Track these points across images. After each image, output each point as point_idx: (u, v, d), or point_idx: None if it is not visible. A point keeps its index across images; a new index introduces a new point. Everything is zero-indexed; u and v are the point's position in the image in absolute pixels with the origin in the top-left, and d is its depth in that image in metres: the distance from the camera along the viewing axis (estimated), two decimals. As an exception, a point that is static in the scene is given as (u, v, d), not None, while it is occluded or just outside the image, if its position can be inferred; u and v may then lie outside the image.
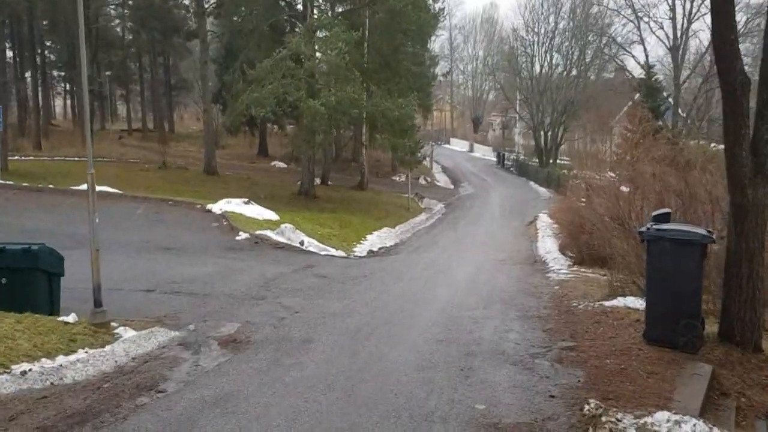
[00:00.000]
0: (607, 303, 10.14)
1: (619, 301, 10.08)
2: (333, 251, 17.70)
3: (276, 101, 25.19)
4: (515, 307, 10.52)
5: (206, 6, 35.55)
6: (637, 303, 9.86)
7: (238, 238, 17.15)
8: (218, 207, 20.03)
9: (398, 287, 12.45)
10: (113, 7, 42.14)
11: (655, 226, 7.65)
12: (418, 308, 10.34)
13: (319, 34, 27.34)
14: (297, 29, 26.55)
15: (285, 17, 29.43)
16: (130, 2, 42.68)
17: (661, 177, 14.39)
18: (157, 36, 47.39)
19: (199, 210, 20.46)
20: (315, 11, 28.58)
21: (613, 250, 15.00)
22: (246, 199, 20.96)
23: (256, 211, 20.19)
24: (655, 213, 8.48)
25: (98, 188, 22.71)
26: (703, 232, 7.49)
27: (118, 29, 46.95)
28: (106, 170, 29.43)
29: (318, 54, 25.55)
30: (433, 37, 60.80)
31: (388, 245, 21.27)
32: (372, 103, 27.01)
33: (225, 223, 18.70)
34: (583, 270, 14.83)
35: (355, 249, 20.12)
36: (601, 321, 9.13)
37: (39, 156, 35.12)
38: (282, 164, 42.56)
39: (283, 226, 17.93)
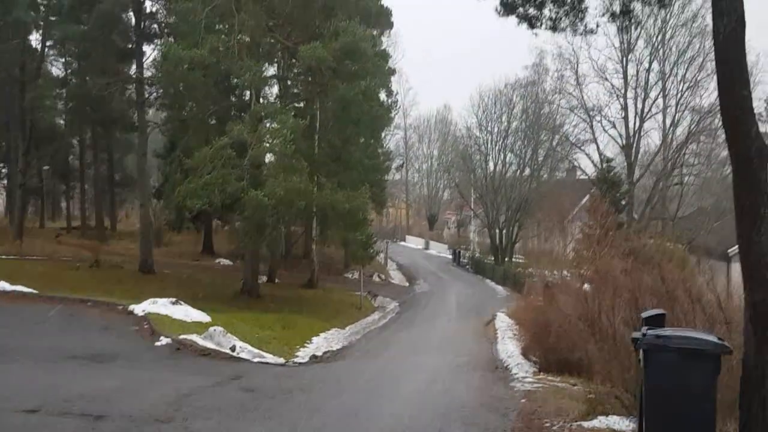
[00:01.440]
0: (586, 424, 8.35)
1: (601, 422, 8.30)
2: (269, 357, 15.62)
3: (215, 192, 23.51)
4: (477, 427, 8.65)
5: (146, 96, 34.22)
6: (623, 424, 8.11)
7: (158, 343, 14.96)
8: (141, 308, 17.85)
9: (337, 404, 10.47)
10: (52, 98, 40.62)
11: (652, 332, 6.02)
12: (357, 433, 8.39)
13: (266, 124, 26.07)
14: (241, 118, 25.32)
15: (230, 106, 28.22)
16: (63, 92, 41.16)
17: (633, 273, 12.97)
18: (98, 129, 45.88)
19: (120, 311, 18.22)
20: (262, 101, 27.38)
21: (582, 355, 13.33)
22: (173, 299, 18.82)
23: (185, 313, 18.05)
24: (646, 314, 6.91)
25: (12, 288, 20.70)
26: (714, 339, 5.87)
27: (61, 121, 45.38)
28: (33, 269, 27.13)
29: (264, 143, 24.14)
30: (388, 136, 61.13)
31: (334, 349, 19.22)
32: (321, 195, 25.59)
33: (146, 326, 16.51)
34: (550, 378, 13.07)
35: (298, 353, 18.05)
36: (583, 449, 7.33)
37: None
38: (227, 261, 40.49)
39: (211, 329, 15.83)
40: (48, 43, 40.82)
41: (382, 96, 38.55)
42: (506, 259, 52.26)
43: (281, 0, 26.75)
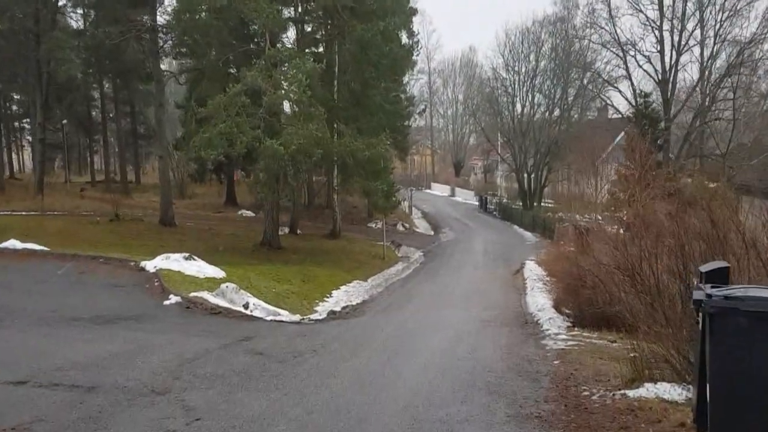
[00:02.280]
0: (631, 393, 7.31)
1: (649, 390, 7.26)
2: (284, 315, 14.78)
3: (230, 142, 22.47)
4: (505, 398, 7.67)
5: (161, 44, 32.98)
6: (675, 393, 7.07)
7: (166, 302, 14.17)
8: (153, 264, 17.08)
9: (351, 367, 9.57)
10: (68, 50, 39.49)
11: (719, 292, 4.90)
12: (370, 405, 7.45)
13: (283, 69, 24.77)
14: (255, 63, 24.04)
15: (247, 52, 26.85)
16: (79, 44, 39.82)
17: (678, 216, 11.72)
18: (117, 81, 44.88)
19: (132, 268, 17.48)
20: (279, 46, 25.97)
21: (621, 308, 12.24)
22: (187, 254, 18.00)
23: (198, 268, 17.24)
24: (706, 268, 5.73)
25: (23, 246, 20.09)
26: (800, 301, 4.72)
27: (80, 74, 44.42)
28: (52, 225, 26.59)
29: (279, 90, 22.88)
30: (411, 80, 59.30)
31: (354, 303, 18.35)
32: (340, 143, 24.42)
33: (156, 283, 15.74)
34: (586, 334, 12.04)
35: (316, 309, 17.24)
36: (630, 426, 6.30)
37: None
38: (250, 213, 39.72)
39: (223, 286, 15.00)
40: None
41: (404, 38, 36.91)
42: (535, 204, 50.84)
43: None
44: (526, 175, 53.02)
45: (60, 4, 40.18)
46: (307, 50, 27.34)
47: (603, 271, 12.75)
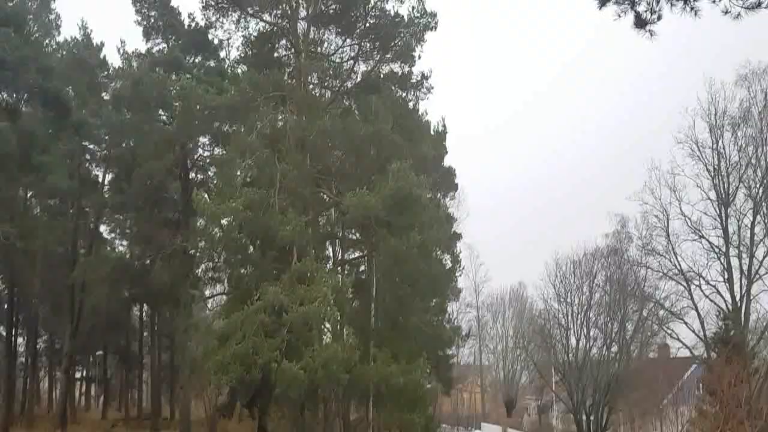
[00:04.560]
0: None
1: None
2: None
3: (245, 367, 19.67)
4: None
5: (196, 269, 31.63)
6: None
7: None
8: None
9: None
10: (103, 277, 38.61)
11: None
12: None
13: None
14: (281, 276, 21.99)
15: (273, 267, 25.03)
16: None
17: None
18: (147, 309, 43.44)
19: None
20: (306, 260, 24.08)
21: None
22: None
23: None
24: None
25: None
26: None
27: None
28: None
29: (303, 306, 20.45)
30: (459, 315, 56.91)
31: None
32: (371, 367, 21.36)
33: None
34: None
35: None
36: None
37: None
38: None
39: None
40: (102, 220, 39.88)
41: (447, 262, 35.10)
42: (596, 449, 45.12)
43: (329, 148, 24.41)
44: (584, 416, 47.75)
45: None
46: (337, 265, 25.24)
47: None
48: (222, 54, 34.13)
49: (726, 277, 33.41)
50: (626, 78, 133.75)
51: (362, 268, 31.31)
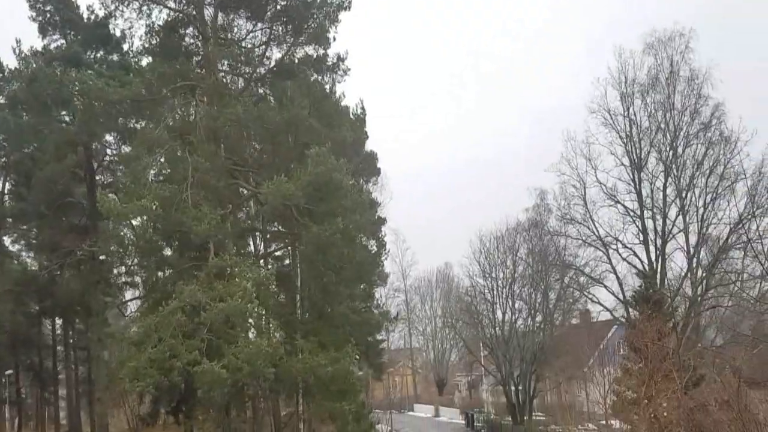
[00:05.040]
0: None
1: None
2: None
3: (162, 371, 18.75)
4: None
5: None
6: None
7: None
8: None
9: None
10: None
11: None
12: None
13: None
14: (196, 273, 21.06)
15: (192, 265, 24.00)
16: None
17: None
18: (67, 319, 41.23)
19: None
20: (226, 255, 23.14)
21: None
22: None
23: None
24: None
25: None
26: None
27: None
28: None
29: (220, 303, 19.62)
30: (388, 300, 56.94)
31: None
32: (296, 359, 20.82)
33: None
34: None
35: None
36: None
37: None
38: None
39: None
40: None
41: (372, 248, 34.68)
42: (525, 418, 46.17)
43: (244, 137, 23.55)
44: (513, 387, 48.66)
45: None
46: (257, 258, 24.50)
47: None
48: (125, 47, 32.44)
49: (642, 239, 34.60)
50: (551, 55, 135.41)
51: (287, 261, 30.62)
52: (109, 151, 32.08)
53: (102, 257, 28.00)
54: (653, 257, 34.06)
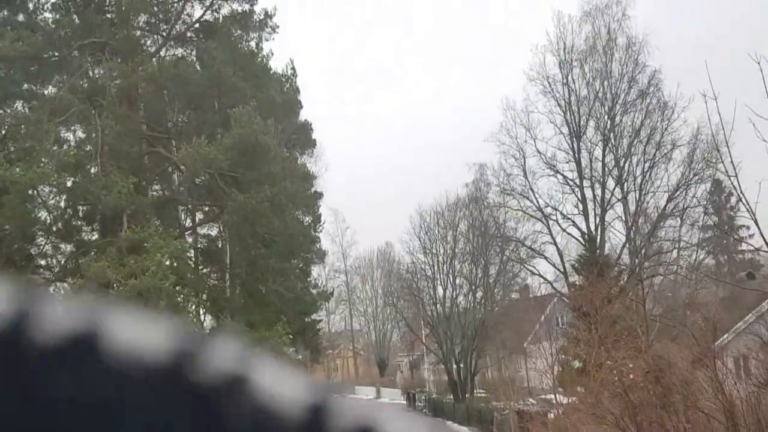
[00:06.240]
0: None
1: None
2: None
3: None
4: None
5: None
6: None
7: None
8: None
9: None
10: None
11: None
12: None
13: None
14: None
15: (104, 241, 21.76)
16: None
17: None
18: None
19: None
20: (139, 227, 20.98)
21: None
22: None
23: None
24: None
25: None
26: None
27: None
28: None
29: (132, 280, 17.59)
30: (329, 281, 55.19)
31: None
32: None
33: None
34: None
35: None
36: None
37: None
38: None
39: None
40: None
41: (307, 222, 32.86)
42: (467, 396, 45.63)
43: (162, 100, 21.38)
44: (454, 365, 48.03)
45: None
46: (175, 230, 22.42)
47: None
48: (31, 6, 29.61)
49: (581, 209, 34.11)
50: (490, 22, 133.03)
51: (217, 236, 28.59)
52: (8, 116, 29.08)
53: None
54: (593, 227, 33.63)
